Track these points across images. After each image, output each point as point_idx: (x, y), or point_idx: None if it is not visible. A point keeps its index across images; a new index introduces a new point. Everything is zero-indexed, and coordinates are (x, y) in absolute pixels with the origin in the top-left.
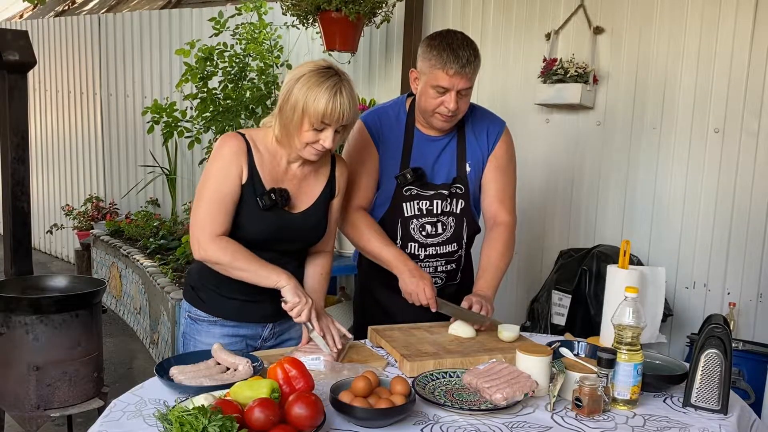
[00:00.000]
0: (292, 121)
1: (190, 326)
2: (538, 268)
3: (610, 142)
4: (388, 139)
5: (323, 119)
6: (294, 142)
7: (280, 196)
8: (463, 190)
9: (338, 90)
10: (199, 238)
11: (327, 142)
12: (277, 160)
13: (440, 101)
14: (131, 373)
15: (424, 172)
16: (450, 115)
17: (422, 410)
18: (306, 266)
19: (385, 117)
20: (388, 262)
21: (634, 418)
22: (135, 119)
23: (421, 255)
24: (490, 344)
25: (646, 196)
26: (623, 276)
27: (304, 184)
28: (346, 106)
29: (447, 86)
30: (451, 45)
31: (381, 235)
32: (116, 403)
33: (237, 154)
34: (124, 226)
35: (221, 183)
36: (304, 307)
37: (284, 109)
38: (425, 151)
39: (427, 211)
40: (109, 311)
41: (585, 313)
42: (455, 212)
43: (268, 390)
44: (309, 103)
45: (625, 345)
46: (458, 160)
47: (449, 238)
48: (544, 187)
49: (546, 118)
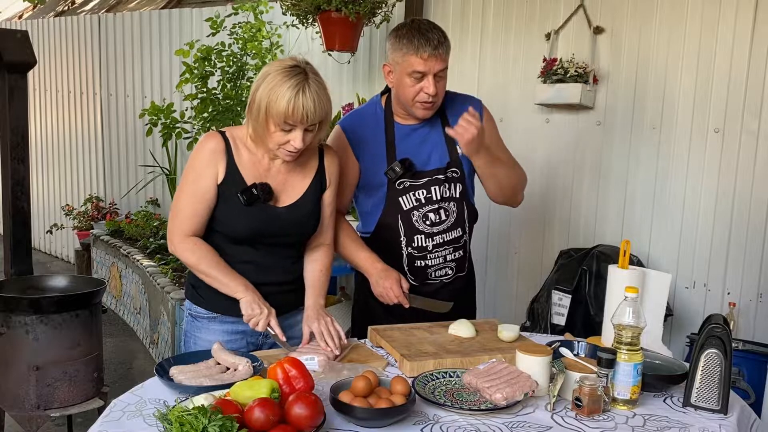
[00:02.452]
0: (258, 121)
1: (190, 324)
2: (538, 268)
3: (610, 142)
4: (370, 138)
5: (286, 119)
6: (268, 143)
7: (261, 191)
8: (458, 174)
9: (301, 89)
10: (172, 236)
11: (296, 142)
12: (258, 158)
13: (419, 88)
14: (131, 373)
15: (412, 163)
16: (431, 101)
17: (422, 410)
18: (305, 262)
19: (361, 118)
20: (361, 267)
21: (634, 418)
22: (135, 119)
23: (429, 246)
24: (490, 344)
25: (646, 196)
26: (624, 276)
27: (290, 178)
28: (309, 105)
29: (423, 70)
30: (420, 29)
31: (354, 239)
32: (116, 402)
33: (213, 153)
34: (124, 226)
35: (195, 183)
36: (259, 317)
37: (252, 109)
38: (409, 141)
39: (426, 200)
40: (109, 311)
41: (585, 313)
42: (455, 197)
43: (268, 390)
44: (271, 104)
45: (625, 345)
46: (448, 144)
47: (454, 223)
48: (544, 186)
49: (546, 118)
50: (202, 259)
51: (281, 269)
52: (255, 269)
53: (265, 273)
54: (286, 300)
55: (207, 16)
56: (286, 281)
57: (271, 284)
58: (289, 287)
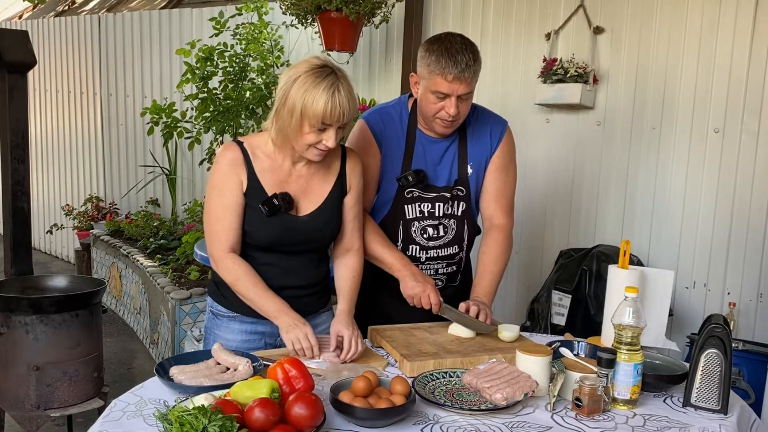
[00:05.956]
0: (290, 124)
1: (211, 321)
2: (538, 268)
3: (610, 142)
4: (390, 140)
5: (323, 120)
6: (296, 144)
7: (283, 200)
8: (464, 192)
9: (336, 89)
10: (212, 253)
11: (330, 141)
12: (279, 163)
13: (440, 106)
14: (131, 373)
15: (426, 174)
16: (450, 120)
17: (422, 410)
18: (336, 267)
19: (387, 117)
20: (390, 265)
21: (634, 418)
22: (135, 119)
23: (422, 257)
24: (490, 344)
25: (646, 195)
26: (624, 276)
27: (312, 183)
28: (345, 104)
29: (446, 92)
30: (449, 50)
31: (382, 237)
32: (116, 402)
33: (233, 164)
34: (124, 226)
35: (221, 197)
36: (305, 346)
37: (281, 113)
38: (427, 152)
39: (428, 214)
40: (109, 311)
41: (585, 313)
42: (456, 215)
43: (268, 390)
44: (307, 106)
45: (625, 345)
46: (459, 161)
47: (450, 240)
48: (544, 187)
49: (546, 118)
50: (239, 280)
51: (304, 273)
52: (278, 273)
53: (287, 276)
54: (308, 302)
55: (207, 16)
56: (308, 284)
57: (293, 287)
58: (311, 290)
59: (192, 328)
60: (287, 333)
